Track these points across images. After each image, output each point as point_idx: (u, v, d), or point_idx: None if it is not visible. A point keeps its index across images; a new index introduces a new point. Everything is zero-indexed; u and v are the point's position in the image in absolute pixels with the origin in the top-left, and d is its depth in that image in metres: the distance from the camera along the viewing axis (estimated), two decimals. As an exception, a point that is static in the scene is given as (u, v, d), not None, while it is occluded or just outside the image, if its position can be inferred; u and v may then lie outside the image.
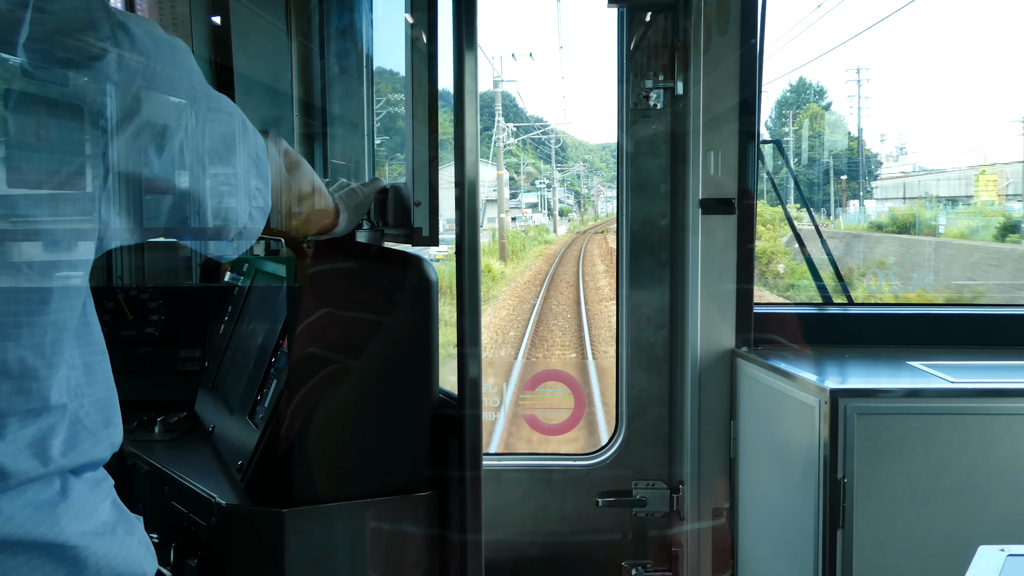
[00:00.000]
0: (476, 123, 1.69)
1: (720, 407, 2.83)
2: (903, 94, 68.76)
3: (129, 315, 2.42)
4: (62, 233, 0.99)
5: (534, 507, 3.17)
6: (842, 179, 26.38)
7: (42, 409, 0.98)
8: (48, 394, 0.98)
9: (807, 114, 29.62)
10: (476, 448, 1.75)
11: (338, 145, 3.00)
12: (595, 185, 61.63)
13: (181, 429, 2.10)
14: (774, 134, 32.05)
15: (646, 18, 3.06)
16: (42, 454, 0.97)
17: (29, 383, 0.96)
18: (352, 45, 2.97)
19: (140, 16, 1.31)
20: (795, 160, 25.40)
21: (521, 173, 50.20)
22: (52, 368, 0.98)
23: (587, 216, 55.52)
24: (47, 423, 0.98)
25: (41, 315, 0.97)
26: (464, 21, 1.65)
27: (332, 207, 1.67)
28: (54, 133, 0.96)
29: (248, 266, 2.30)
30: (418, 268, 1.76)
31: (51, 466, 0.98)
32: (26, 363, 0.95)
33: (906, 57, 76.86)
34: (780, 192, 3.29)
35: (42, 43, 0.93)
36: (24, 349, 0.95)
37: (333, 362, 1.69)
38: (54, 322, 0.98)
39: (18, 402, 0.95)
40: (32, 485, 0.97)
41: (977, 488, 2.12)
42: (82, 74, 0.96)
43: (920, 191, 24.11)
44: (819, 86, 31.93)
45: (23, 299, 0.95)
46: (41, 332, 0.97)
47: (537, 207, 49.20)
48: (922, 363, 2.47)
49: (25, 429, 0.96)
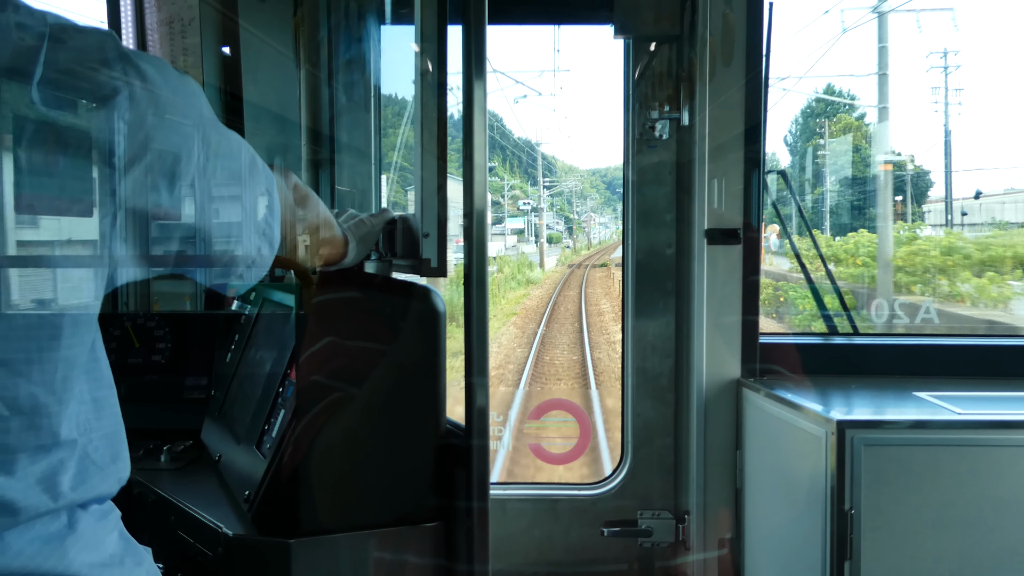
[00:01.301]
0: (485, 154, 1.70)
1: (726, 437, 2.82)
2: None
3: (136, 343, 2.43)
4: (73, 267, 0.99)
5: (539, 537, 3.16)
6: (897, 201, 22.71)
7: (52, 445, 0.98)
8: (58, 430, 0.98)
9: (838, 125, 27.52)
10: (483, 478, 1.74)
11: (345, 173, 3.02)
12: (586, 210, 60.39)
13: (187, 458, 2.10)
14: (795, 149, 30.38)
15: (651, 48, 3.08)
16: (52, 489, 0.98)
17: (40, 419, 0.96)
18: (360, 74, 2.99)
19: (151, 55, 1.33)
20: (831, 179, 23.57)
21: (505, 197, 47.61)
22: (62, 404, 0.99)
23: (579, 244, 52.11)
24: (57, 458, 0.99)
25: (52, 351, 0.97)
26: (473, 52, 1.66)
27: (341, 238, 1.68)
28: (66, 169, 0.97)
29: (255, 295, 2.31)
30: (426, 299, 1.76)
31: (60, 501, 0.99)
32: (37, 399, 0.96)
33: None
34: (784, 222, 3.30)
35: (56, 80, 0.94)
36: (35, 386, 0.95)
37: (341, 392, 1.69)
38: (65, 358, 0.99)
39: (28, 438, 0.96)
40: (40, 519, 0.97)
41: (985, 520, 2.11)
42: (95, 111, 0.97)
43: (985, 216, 20.37)
44: (850, 94, 29.51)
45: (34, 336, 0.95)
46: (52, 368, 0.97)
47: (524, 233, 45.92)
48: (929, 394, 2.46)
49: (35, 465, 0.96)
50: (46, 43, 0.93)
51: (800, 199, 23.46)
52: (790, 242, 3.29)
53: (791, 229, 3.52)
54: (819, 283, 3.19)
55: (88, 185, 0.99)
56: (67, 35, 0.95)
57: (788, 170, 28.60)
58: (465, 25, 1.66)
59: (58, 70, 0.94)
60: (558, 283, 26.09)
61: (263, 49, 2.67)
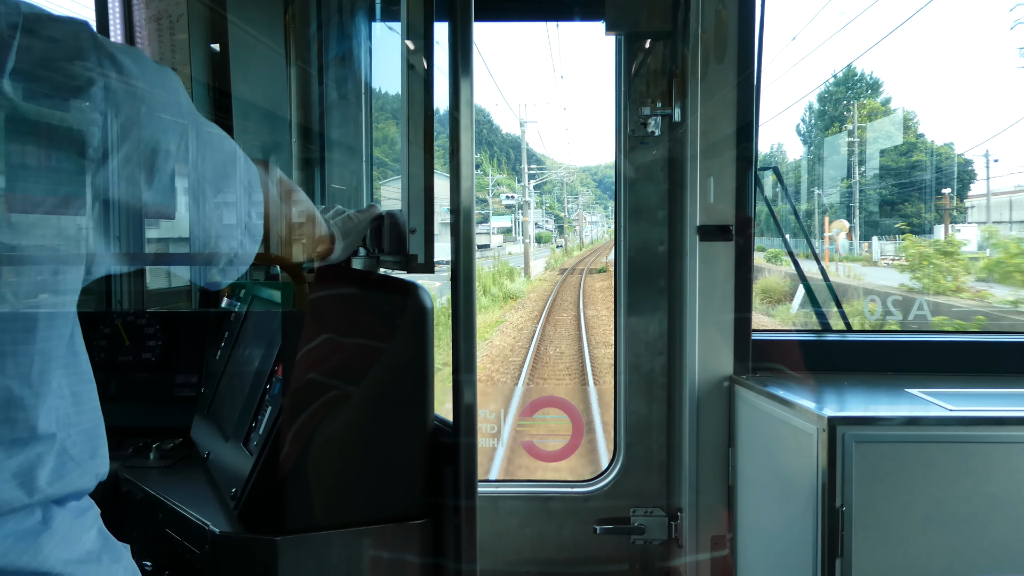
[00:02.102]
0: (472, 150, 1.69)
1: (718, 434, 2.81)
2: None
3: (126, 340, 2.42)
4: (48, 261, 0.98)
5: (531, 534, 3.15)
6: (944, 193, 21.24)
7: (29, 439, 0.97)
8: (35, 423, 0.98)
9: (865, 110, 25.54)
10: (471, 475, 1.74)
11: (336, 170, 3.01)
12: (577, 208, 59.36)
13: (176, 456, 2.09)
14: (808, 138, 29.02)
15: (644, 45, 3.07)
16: (28, 484, 0.97)
17: (15, 412, 0.96)
18: (350, 71, 2.99)
19: (128, 45, 1.32)
20: (859, 168, 21.93)
21: (490, 193, 45.94)
22: (39, 397, 0.98)
23: (571, 243, 49.17)
24: (34, 452, 0.98)
25: (27, 344, 0.96)
26: (460, 48, 1.66)
27: (327, 234, 1.67)
28: (41, 160, 0.96)
29: (245, 291, 2.30)
30: (414, 295, 1.76)
31: (36, 496, 0.98)
32: (12, 392, 0.95)
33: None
34: (779, 222, 3.29)
35: (30, 70, 0.93)
36: (9, 378, 0.95)
37: (328, 389, 1.69)
38: (41, 351, 0.98)
39: (4, 431, 0.95)
40: (13, 515, 0.96)
41: (976, 517, 2.11)
42: (69, 102, 0.96)
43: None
44: (872, 77, 28.20)
45: (7, 327, 0.95)
46: (28, 361, 0.96)
47: (511, 232, 44.51)
48: (920, 391, 2.46)
49: (11, 459, 0.96)
50: (19, 33, 0.92)
51: (821, 192, 22.53)
52: (783, 240, 3.28)
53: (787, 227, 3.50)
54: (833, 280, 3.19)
55: (64, 178, 0.98)
56: (41, 25, 0.95)
57: (802, 162, 27.57)
58: (452, 21, 1.66)
59: (31, 61, 0.93)
60: (547, 299, 20.49)
61: (253, 45, 2.66)
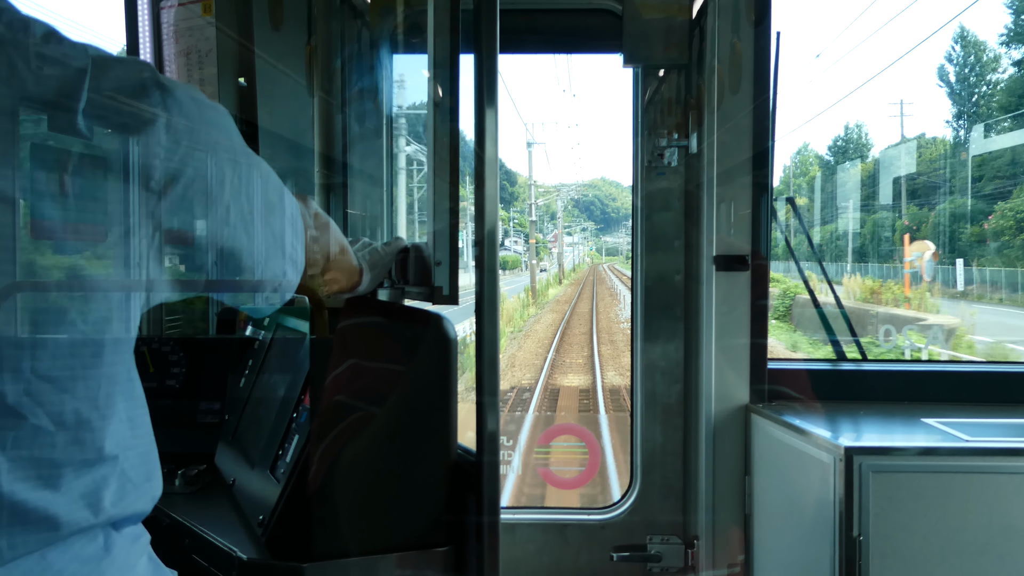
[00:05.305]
0: (496, 183, 1.72)
1: (734, 462, 2.83)
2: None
3: (151, 367, 2.45)
4: (114, 288, 1.03)
5: (548, 561, 3.16)
6: None
7: (96, 460, 1.01)
8: (102, 445, 1.02)
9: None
10: (494, 500, 1.76)
11: (358, 199, 3.06)
12: (552, 231, 55.47)
13: (201, 482, 2.12)
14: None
15: (660, 75, 3.12)
16: (94, 504, 1.01)
17: (85, 434, 1.00)
18: (372, 102, 3.03)
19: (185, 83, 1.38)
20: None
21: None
22: (105, 420, 1.02)
23: (551, 268, 42.39)
24: (100, 474, 1.02)
25: (95, 368, 1.01)
26: (485, 82, 1.69)
27: (356, 266, 1.71)
28: (108, 193, 1.01)
29: (269, 320, 2.33)
30: (437, 326, 1.79)
31: (101, 516, 1.01)
32: (81, 415, 0.99)
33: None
34: (794, 251, 3.32)
35: (98, 110, 0.98)
36: (80, 401, 0.99)
37: (356, 417, 1.72)
38: (107, 375, 1.02)
39: (73, 453, 0.99)
40: (79, 539, 0.99)
41: (993, 547, 2.11)
42: (135, 137, 1.01)
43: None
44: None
45: (78, 352, 0.99)
46: (95, 385, 1.01)
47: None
48: (937, 420, 2.47)
49: (80, 479, 0.99)
50: (88, 75, 0.97)
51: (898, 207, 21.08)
52: (798, 268, 3.31)
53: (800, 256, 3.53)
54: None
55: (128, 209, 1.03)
56: (108, 66, 1.00)
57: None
58: (477, 54, 1.69)
59: (100, 101, 0.98)
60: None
61: (278, 77, 2.71)
